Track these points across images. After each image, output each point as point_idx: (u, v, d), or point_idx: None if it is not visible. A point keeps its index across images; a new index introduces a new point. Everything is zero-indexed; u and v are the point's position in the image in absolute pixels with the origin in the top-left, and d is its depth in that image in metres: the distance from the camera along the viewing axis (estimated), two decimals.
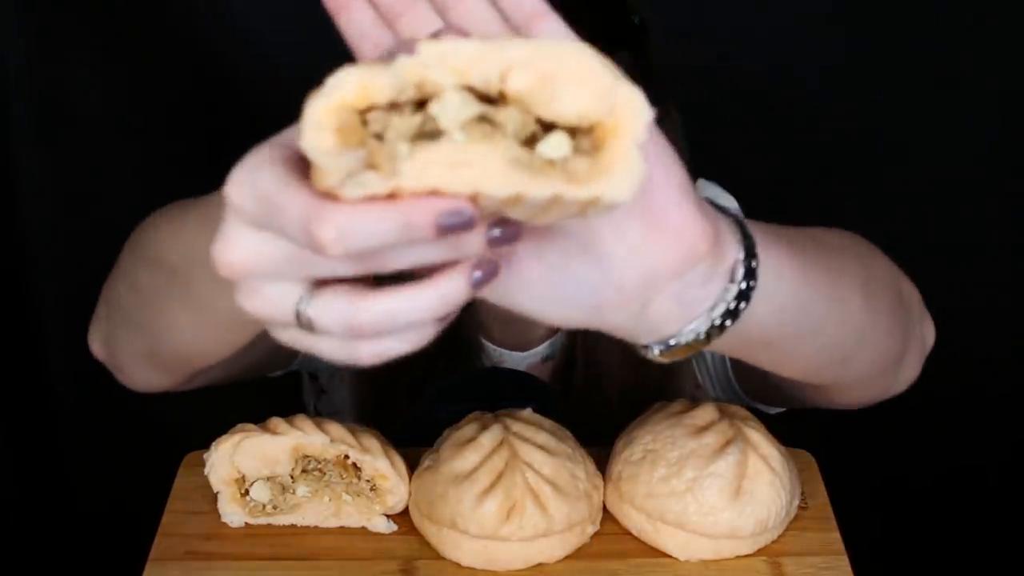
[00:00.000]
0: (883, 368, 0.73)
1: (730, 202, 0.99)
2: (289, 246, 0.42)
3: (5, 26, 1.19)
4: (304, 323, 0.43)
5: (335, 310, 0.43)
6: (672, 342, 0.53)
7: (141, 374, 0.80)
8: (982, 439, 1.37)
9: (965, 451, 1.37)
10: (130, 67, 1.25)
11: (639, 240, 0.50)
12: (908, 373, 0.77)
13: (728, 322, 0.52)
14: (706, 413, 0.75)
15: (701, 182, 0.99)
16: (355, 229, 0.39)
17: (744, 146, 1.25)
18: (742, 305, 0.52)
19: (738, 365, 0.60)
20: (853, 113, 1.29)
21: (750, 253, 0.52)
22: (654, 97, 0.41)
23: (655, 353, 0.54)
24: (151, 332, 0.74)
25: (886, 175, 1.32)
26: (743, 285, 0.52)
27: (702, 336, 0.52)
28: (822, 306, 0.60)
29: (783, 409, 0.89)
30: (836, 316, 0.62)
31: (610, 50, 0.52)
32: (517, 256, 0.48)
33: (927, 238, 1.33)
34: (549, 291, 0.49)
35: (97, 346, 0.82)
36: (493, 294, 0.49)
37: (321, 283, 0.43)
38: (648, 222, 0.49)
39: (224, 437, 0.72)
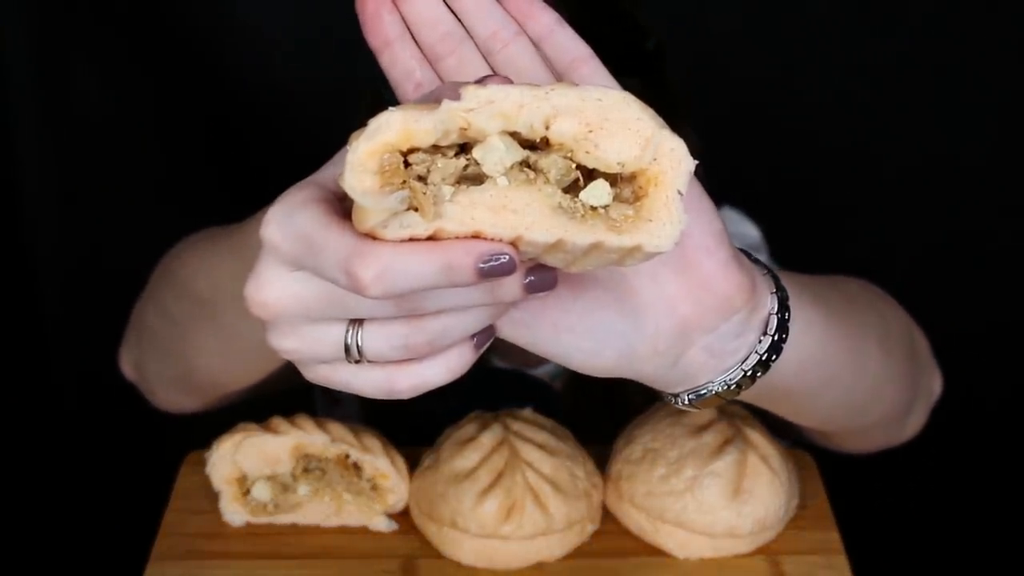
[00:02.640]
0: (893, 418, 0.74)
1: (752, 230, 0.98)
2: (326, 287, 0.42)
3: (9, 30, 1.20)
4: (352, 355, 0.43)
5: (391, 334, 0.43)
6: (703, 391, 0.53)
7: (171, 397, 0.81)
8: (982, 439, 1.38)
9: (965, 450, 1.37)
10: (135, 72, 1.25)
11: (674, 292, 0.50)
12: (915, 423, 0.78)
13: (759, 373, 0.52)
14: (706, 412, 0.75)
15: (725, 209, 0.98)
16: (397, 269, 0.39)
17: (745, 150, 1.25)
18: (773, 357, 0.52)
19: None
20: (855, 122, 1.29)
21: (783, 306, 0.53)
22: (672, 122, 0.41)
23: (684, 402, 0.54)
24: (181, 358, 0.74)
25: (891, 180, 1.32)
26: (775, 337, 0.52)
27: (732, 387, 0.52)
28: (843, 358, 0.60)
29: (786, 443, 0.90)
30: (855, 368, 0.62)
31: (620, 76, 0.52)
32: (550, 304, 0.48)
33: (930, 241, 1.33)
34: (580, 339, 0.49)
35: (128, 369, 0.83)
36: (524, 339, 0.49)
37: (357, 322, 0.43)
38: (683, 273, 0.49)
39: (225, 436, 0.72)
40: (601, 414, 0.88)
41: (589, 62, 0.51)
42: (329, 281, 0.41)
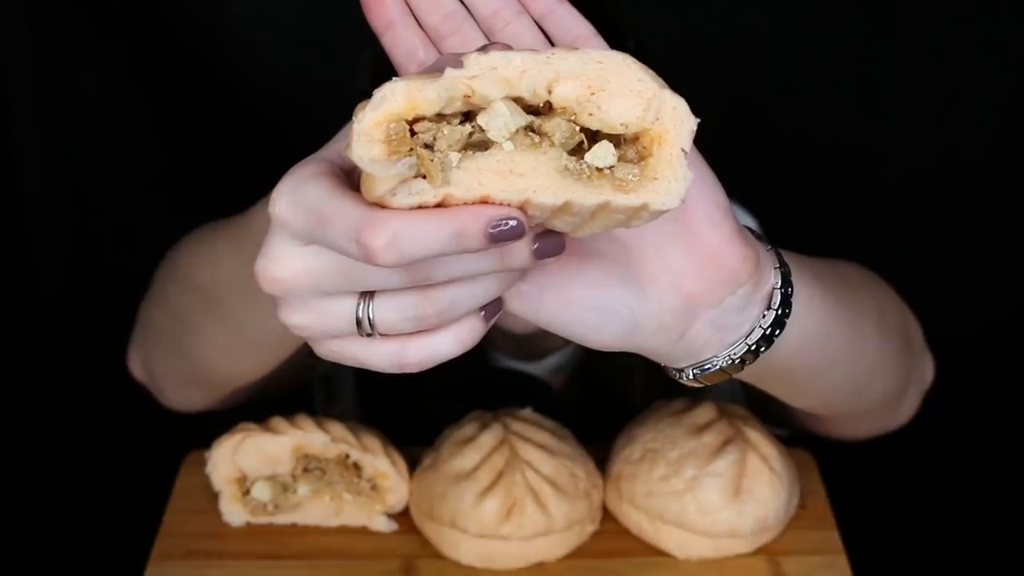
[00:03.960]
0: (887, 403, 0.74)
1: (749, 220, 0.99)
2: (336, 259, 0.42)
3: (10, 30, 1.20)
4: (364, 328, 0.43)
5: (401, 305, 0.43)
6: (707, 366, 0.53)
7: (181, 395, 0.81)
8: (982, 438, 1.38)
9: (964, 450, 1.37)
10: (135, 71, 1.25)
11: (679, 265, 0.50)
12: (908, 409, 0.78)
13: (763, 348, 0.52)
14: (706, 412, 0.75)
15: None
16: (407, 236, 0.39)
17: (743, 146, 1.25)
18: (777, 332, 0.52)
19: (748, 388, 0.61)
20: (853, 119, 1.29)
21: (786, 281, 0.53)
22: None
23: (689, 377, 0.54)
24: (187, 353, 0.74)
25: (889, 177, 1.32)
26: (779, 312, 0.52)
27: (736, 361, 0.53)
28: (842, 337, 0.60)
29: (785, 432, 0.90)
30: (853, 350, 0.62)
31: None
32: (556, 277, 0.48)
33: (928, 238, 1.33)
34: (586, 313, 0.49)
35: (137, 369, 0.83)
36: (530, 313, 0.49)
37: (367, 295, 0.43)
38: (688, 247, 0.50)
39: (225, 436, 0.72)
40: (601, 413, 0.88)
41: (591, 40, 0.52)
42: (340, 252, 0.41)
